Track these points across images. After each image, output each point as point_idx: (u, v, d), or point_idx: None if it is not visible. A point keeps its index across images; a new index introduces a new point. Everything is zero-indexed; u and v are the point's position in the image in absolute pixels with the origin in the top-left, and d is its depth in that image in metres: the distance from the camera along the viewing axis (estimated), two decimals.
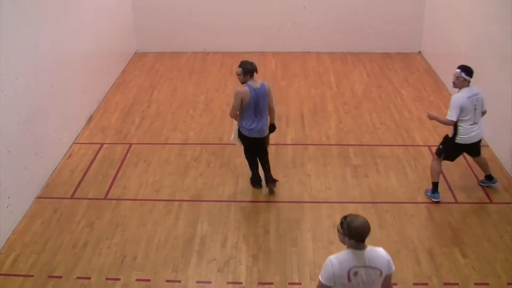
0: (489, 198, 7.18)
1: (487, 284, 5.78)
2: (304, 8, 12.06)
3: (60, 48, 8.02)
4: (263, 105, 6.87)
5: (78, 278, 5.87)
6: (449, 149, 6.99)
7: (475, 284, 5.78)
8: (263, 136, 7.04)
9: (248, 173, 7.51)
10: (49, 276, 5.88)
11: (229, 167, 7.85)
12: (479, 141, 7.03)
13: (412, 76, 11.13)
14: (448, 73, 10.55)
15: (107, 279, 5.87)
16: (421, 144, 8.49)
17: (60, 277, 5.89)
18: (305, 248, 6.31)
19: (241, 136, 7.05)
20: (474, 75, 6.72)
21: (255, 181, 7.37)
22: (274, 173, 7.32)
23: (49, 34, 7.68)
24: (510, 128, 7.67)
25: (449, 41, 10.37)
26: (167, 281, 5.84)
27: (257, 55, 12.15)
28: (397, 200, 7.17)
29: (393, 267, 4.04)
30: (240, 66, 6.82)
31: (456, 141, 6.84)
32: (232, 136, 7.26)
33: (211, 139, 8.67)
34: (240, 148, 7.36)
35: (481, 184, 7.38)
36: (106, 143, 8.53)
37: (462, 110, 6.65)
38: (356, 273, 3.88)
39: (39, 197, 7.24)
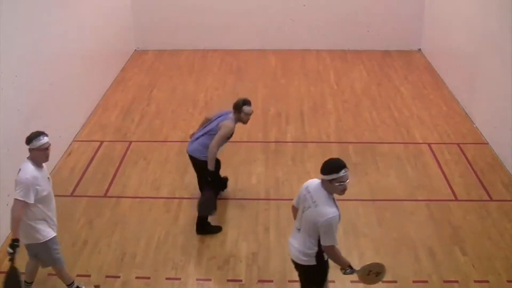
0: (489, 195, 7.17)
1: (487, 281, 5.77)
2: (304, 6, 12.04)
3: (60, 46, 8.01)
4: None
5: (78, 275, 5.85)
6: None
7: (475, 281, 5.78)
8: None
9: (248, 171, 7.52)
10: (49, 274, 5.86)
11: (228, 165, 7.84)
12: (297, 266, 5.02)
13: (412, 74, 11.12)
14: (448, 71, 10.60)
15: (107, 277, 5.87)
16: (421, 142, 8.49)
17: None
18: None
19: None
20: (474, 73, 6.63)
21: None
22: (275, 170, 7.32)
23: (48, 32, 7.66)
24: (510, 127, 7.66)
25: (449, 38, 10.36)
26: (167, 279, 5.84)
27: (257, 53, 12.15)
28: (397, 197, 7.16)
29: None
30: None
31: None
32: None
33: None
34: (239, 146, 7.34)
35: None
36: (105, 141, 8.51)
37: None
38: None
39: None
